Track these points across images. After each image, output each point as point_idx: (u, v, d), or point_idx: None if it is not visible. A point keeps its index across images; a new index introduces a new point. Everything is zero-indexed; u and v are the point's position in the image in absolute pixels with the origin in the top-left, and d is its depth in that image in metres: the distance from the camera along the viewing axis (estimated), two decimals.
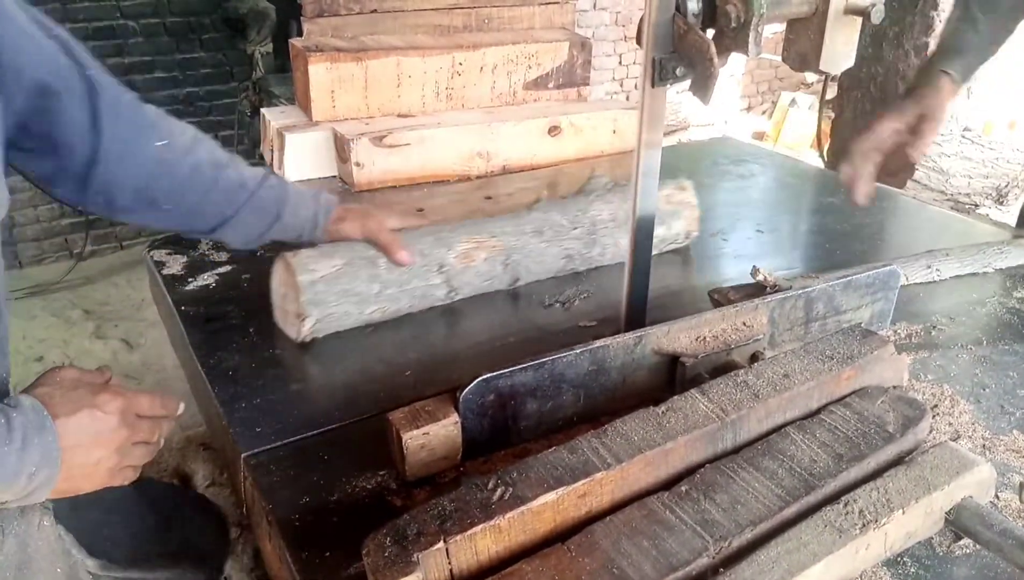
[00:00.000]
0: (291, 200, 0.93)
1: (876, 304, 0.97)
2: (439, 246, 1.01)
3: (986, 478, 0.68)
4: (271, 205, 0.91)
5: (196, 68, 3.61)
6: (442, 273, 1.01)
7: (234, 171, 0.89)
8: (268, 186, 0.91)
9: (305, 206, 0.94)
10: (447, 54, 1.76)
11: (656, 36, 0.76)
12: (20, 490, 0.59)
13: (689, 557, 0.59)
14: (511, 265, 1.06)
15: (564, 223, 1.11)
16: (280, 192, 0.92)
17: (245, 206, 0.89)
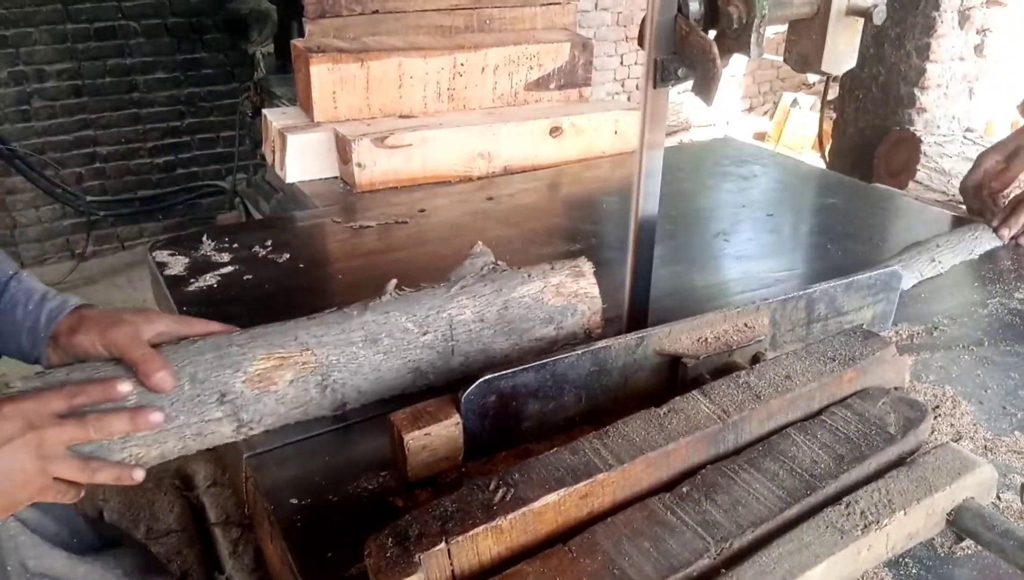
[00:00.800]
0: (10, 294, 0.73)
1: (878, 305, 0.97)
2: (220, 367, 0.73)
3: (987, 479, 0.68)
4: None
5: (198, 69, 3.62)
6: (225, 404, 0.73)
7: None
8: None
9: (26, 306, 0.73)
10: (449, 55, 1.76)
11: (658, 37, 0.76)
12: None
13: (690, 558, 0.59)
14: (331, 386, 0.78)
15: (411, 327, 0.81)
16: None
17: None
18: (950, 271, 1.18)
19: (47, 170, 3.39)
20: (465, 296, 0.84)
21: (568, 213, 1.52)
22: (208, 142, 3.77)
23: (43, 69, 3.34)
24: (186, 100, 3.65)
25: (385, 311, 0.81)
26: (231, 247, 1.24)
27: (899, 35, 2.28)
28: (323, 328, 0.79)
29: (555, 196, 1.61)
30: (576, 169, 1.73)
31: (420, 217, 1.42)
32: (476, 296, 0.85)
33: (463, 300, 0.84)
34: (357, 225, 1.37)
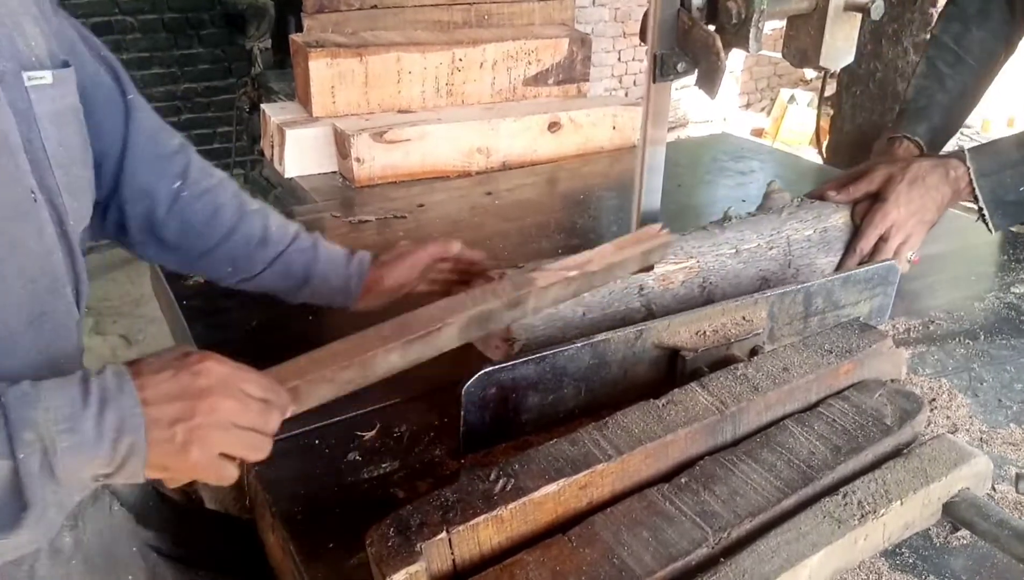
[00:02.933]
0: (321, 265, 0.86)
1: (875, 299, 0.98)
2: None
3: (983, 470, 0.68)
4: (298, 270, 0.85)
5: (194, 64, 3.61)
6: (643, 296, 0.93)
7: (259, 223, 0.83)
8: (296, 249, 0.85)
9: (336, 273, 0.87)
10: (447, 50, 1.76)
11: (661, 32, 0.76)
12: (108, 460, 0.52)
13: (689, 548, 0.59)
14: (707, 287, 0.98)
15: (760, 243, 1.00)
16: (309, 256, 0.86)
17: (268, 266, 0.84)
18: (947, 266, 1.19)
19: None
20: (794, 220, 1.03)
21: (566, 208, 1.53)
22: (205, 138, 3.76)
23: None
24: (183, 96, 3.64)
25: (740, 230, 1.00)
26: None
27: (896, 31, 2.28)
28: (699, 242, 0.97)
29: (553, 191, 1.61)
30: (574, 164, 1.73)
31: (419, 212, 1.42)
32: (801, 220, 1.04)
33: (793, 223, 1.03)
34: (356, 220, 1.37)
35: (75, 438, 0.50)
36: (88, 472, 0.52)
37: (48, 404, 0.50)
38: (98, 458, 0.52)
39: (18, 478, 0.49)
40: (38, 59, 0.61)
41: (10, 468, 0.48)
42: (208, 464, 0.56)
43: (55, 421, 0.50)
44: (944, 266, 1.19)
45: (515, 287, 0.75)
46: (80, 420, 0.51)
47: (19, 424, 0.49)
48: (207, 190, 0.81)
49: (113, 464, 0.53)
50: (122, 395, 0.53)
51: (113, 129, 0.73)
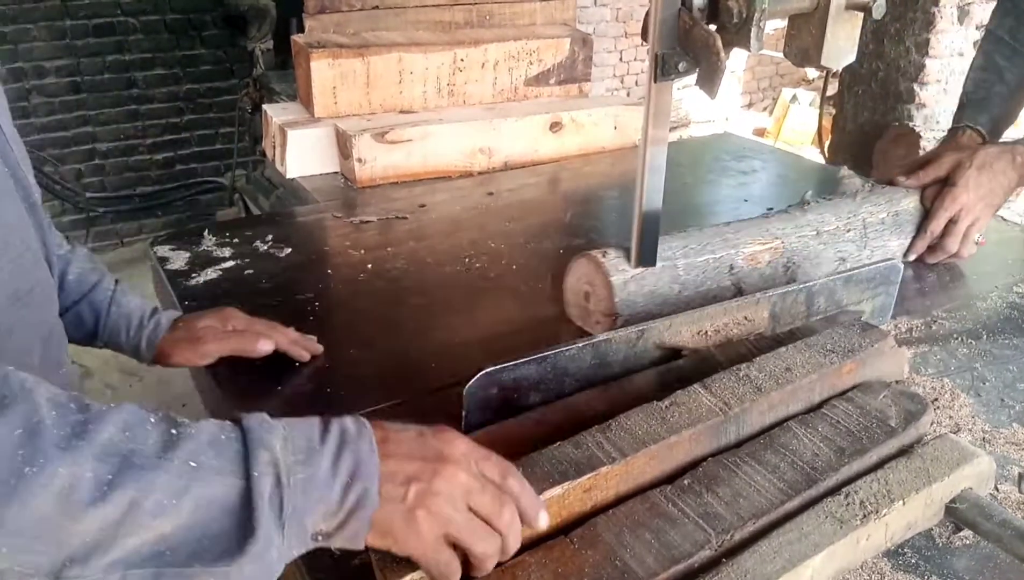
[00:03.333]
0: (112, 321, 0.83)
1: (877, 298, 0.98)
2: (727, 247, 0.99)
3: (986, 470, 0.68)
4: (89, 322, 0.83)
5: (197, 65, 3.61)
6: (732, 274, 0.99)
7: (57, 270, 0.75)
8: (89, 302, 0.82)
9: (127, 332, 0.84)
10: (449, 50, 1.76)
11: (661, 31, 0.76)
12: (336, 507, 0.49)
13: (691, 550, 0.59)
14: (791, 267, 1.04)
15: (839, 225, 1.08)
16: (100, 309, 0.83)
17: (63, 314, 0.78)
18: (949, 265, 1.19)
19: (46, 167, 3.39)
20: (868, 204, 1.11)
21: (568, 208, 1.53)
22: (207, 138, 3.77)
23: (42, 66, 3.34)
24: (185, 96, 3.64)
25: (820, 213, 1.07)
26: (232, 242, 1.25)
27: (898, 30, 2.28)
28: (783, 224, 1.04)
29: (555, 191, 1.61)
30: (576, 164, 1.73)
31: (420, 212, 1.42)
32: (875, 204, 1.11)
33: (868, 207, 1.10)
34: (357, 220, 1.37)
35: (309, 471, 0.48)
36: (313, 519, 0.48)
37: (287, 434, 0.48)
38: (327, 502, 0.48)
39: (249, 501, 0.45)
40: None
41: (242, 490, 0.45)
42: (432, 541, 0.51)
43: (293, 451, 0.48)
44: (946, 265, 1.19)
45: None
46: (317, 455, 0.48)
47: (257, 445, 0.46)
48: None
49: (340, 515, 0.49)
50: (361, 440, 0.50)
51: None
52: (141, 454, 0.43)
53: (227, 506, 0.45)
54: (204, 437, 0.46)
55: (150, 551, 0.43)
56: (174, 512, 0.43)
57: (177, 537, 0.43)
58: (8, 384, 0.42)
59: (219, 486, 0.45)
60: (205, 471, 0.45)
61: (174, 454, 0.44)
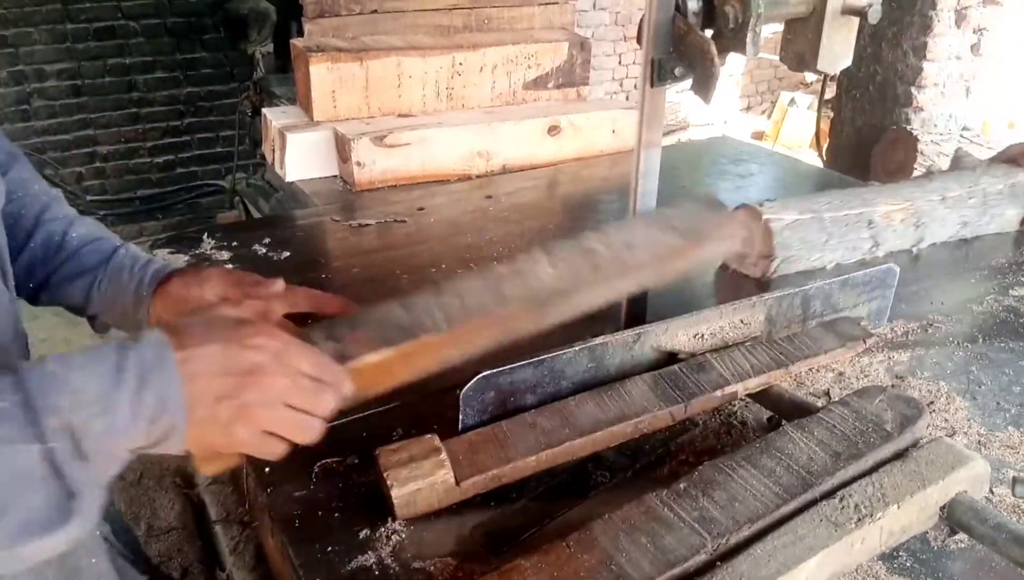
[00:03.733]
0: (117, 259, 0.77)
1: (873, 302, 0.98)
2: (865, 205, 1.14)
3: (980, 473, 0.68)
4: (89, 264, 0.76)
5: (197, 68, 3.62)
6: (871, 229, 1.14)
7: (59, 229, 0.75)
8: (93, 248, 0.77)
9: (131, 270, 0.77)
10: (447, 54, 1.76)
11: (656, 36, 0.77)
12: (144, 439, 0.48)
13: (687, 554, 0.59)
14: (920, 227, 1.19)
15: (962, 193, 1.22)
16: (105, 249, 0.78)
17: (64, 263, 0.76)
18: (946, 268, 1.19)
19: (47, 169, 3.39)
20: (988, 176, 1.26)
21: (566, 211, 1.53)
22: (208, 142, 3.77)
23: (43, 69, 3.34)
24: (186, 100, 3.65)
25: (944, 181, 1.23)
26: (231, 245, 1.25)
27: (896, 34, 2.29)
28: (911, 189, 1.20)
29: (553, 194, 1.61)
30: (574, 168, 1.73)
31: (419, 215, 1.43)
32: (994, 176, 1.27)
33: (988, 178, 1.26)
34: (356, 223, 1.37)
35: (108, 420, 0.46)
36: (123, 450, 0.48)
37: (76, 385, 0.46)
38: (133, 439, 0.48)
39: (55, 467, 0.44)
40: None
41: (42, 455, 0.44)
42: (252, 442, 0.52)
43: (85, 403, 0.45)
44: (943, 268, 1.19)
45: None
46: (113, 402, 0.46)
47: (42, 411, 0.44)
48: (11, 200, 0.74)
49: (149, 441, 0.49)
50: (162, 372, 0.48)
51: None
52: None
53: (37, 474, 0.44)
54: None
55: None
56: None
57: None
58: None
59: (21, 457, 0.44)
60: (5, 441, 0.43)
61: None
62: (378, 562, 0.65)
